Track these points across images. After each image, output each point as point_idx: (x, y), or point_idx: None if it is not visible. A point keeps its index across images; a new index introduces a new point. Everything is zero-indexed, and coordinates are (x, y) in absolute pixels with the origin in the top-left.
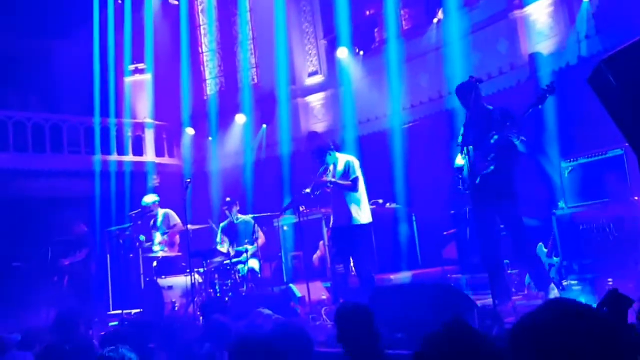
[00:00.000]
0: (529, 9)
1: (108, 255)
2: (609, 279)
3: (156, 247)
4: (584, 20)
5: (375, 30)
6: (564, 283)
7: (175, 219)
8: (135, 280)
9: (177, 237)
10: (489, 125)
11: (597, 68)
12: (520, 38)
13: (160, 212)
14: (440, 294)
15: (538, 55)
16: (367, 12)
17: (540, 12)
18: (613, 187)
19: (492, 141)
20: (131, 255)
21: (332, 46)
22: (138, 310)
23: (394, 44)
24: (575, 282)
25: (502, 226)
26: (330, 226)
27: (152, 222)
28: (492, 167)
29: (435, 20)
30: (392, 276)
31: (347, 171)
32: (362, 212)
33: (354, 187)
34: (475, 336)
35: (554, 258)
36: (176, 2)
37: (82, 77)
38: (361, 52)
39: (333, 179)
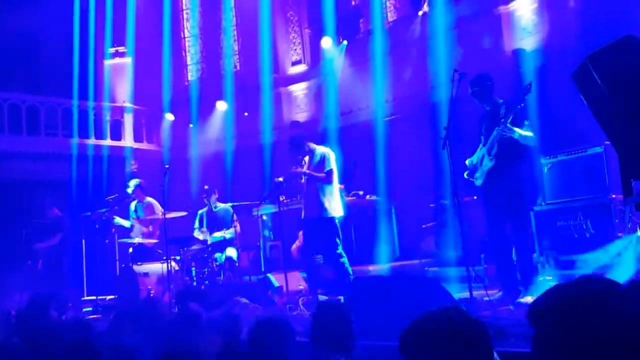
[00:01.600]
0: (514, 5)
1: (83, 241)
2: None
3: (134, 234)
4: (569, 18)
5: (361, 21)
6: (540, 279)
7: (158, 208)
8: (110, 266)
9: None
10: (496, 119)
11: (582, 64)
12: (505, 34)
13: (145, 199)
14: (417, 287)
15: (521, 52)
16: (353, 3)
17: (525, 8)
18: (591, 185)
19: (493, 136)
20: (107, 240)
21: (316, 36)
22: (112, 296)
23: (379, 35)
24: (552, 278)
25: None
26: (302, 217)
27: (133, 205)
28: (493, 162)
29: (420, 13)
30: (370, 268)
31: (322, 163)
32: (333, 205)
33: (327, 179)
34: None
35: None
36: None
37: (61, 59)
38: (345, 42)
39: (307, 171)
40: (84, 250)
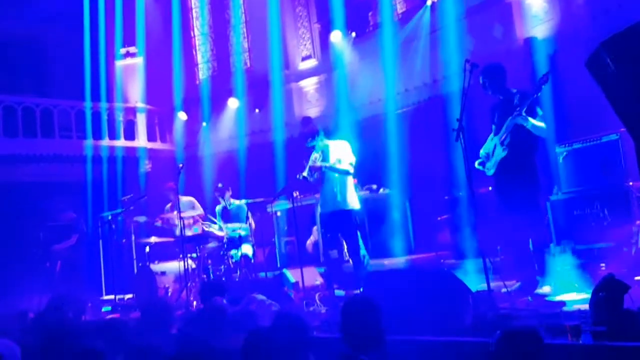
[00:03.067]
0: None
1: (100, 241)
2: (602, 264)
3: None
4: (579, 4)
5: (370, 14)
6: (558, 268)
7: (197, 204)
8: (128, 265)
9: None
10: (509, 109)
11: (596, 51)
12: (516, 22)
13: (182, 199)
14: (435, 280)
15: (533, 40)
16: None
17: None
18: (607, 173)
19: (506, 125)
20: (124, 240)
21: (326, 30)
22: (130, 295)
23: (389, 28)
24: (569, 267)
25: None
26: (319, 212)
27: (168, 206)
28: (505, 152)
29: (429, 2)
30: (385, 261)
31: (342, 155)
32: (350, 198)
33: (349, 171)
34: None
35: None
36: None
37: (73, 61)
38: (353, 34)
39: (328, 164)
40: (101, 250)
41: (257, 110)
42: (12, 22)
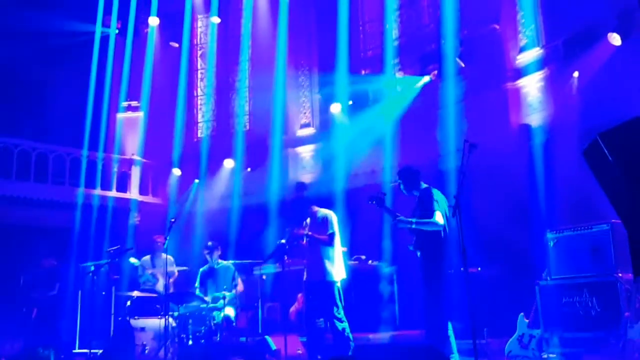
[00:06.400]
0: (521, 82)
1: (79, 292)
2: (588, 356)
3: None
4: (574, 95)
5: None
6: (544, 356)
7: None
8: (105, 319)
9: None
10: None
11: (594, 141)
12: (511, 109)
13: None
14: (422, 357)
15: (528, 127)
16: (363, 72)
17: (532, 85)
18: (597, 262)
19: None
20: (104, 293)
21: (326, 101)
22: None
23: (389, 103)
24: (555, 355)
25: None
26: (304, 280)
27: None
28: (411, 247)
29: (426, 78)
30: (370, 335)
31: (324, 225)
32: (335, 268)
33: (330, 241)
34: None
35: (535, 330)
36: (176, 45)
37: (75, 109)
38: (350, 102)
39: (309, 232)
40: (79, 301)
41: (248, 169)
42: (21, 64)
